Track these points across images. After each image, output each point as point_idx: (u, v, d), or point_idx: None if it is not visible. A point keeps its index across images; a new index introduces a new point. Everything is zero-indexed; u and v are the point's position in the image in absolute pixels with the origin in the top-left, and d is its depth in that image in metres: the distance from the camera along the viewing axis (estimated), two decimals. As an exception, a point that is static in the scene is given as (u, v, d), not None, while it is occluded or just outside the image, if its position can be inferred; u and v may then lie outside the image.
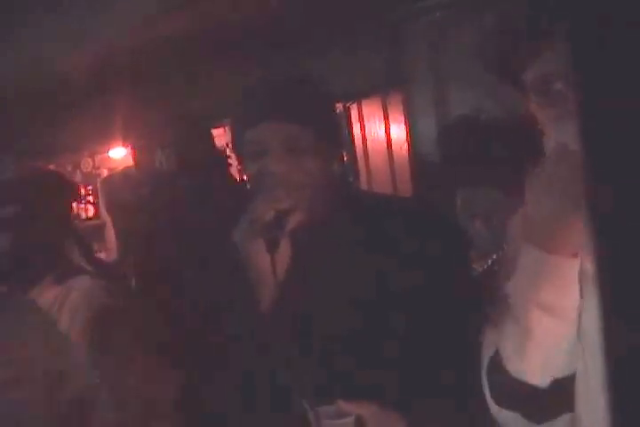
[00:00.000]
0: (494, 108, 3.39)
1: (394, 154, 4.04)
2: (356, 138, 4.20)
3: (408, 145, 3.95)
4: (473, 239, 2.04)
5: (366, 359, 1.46)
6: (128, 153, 4.69)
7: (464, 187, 2.11)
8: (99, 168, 5.50)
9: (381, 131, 4.08)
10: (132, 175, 2.99)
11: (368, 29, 3.95)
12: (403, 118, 3.98)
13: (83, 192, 5.48)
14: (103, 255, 5.22)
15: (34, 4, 3.07)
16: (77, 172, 5.64)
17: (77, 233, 2.32)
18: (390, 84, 3.99)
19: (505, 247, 2.09)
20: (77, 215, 4.79)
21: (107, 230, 5.25)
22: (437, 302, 1.46)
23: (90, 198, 5.48)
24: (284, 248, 1.48)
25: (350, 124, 4.19)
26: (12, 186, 2.09)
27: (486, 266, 2.11)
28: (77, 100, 4.62)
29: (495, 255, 2.12)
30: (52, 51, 3.76)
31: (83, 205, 5.29)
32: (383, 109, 4.06)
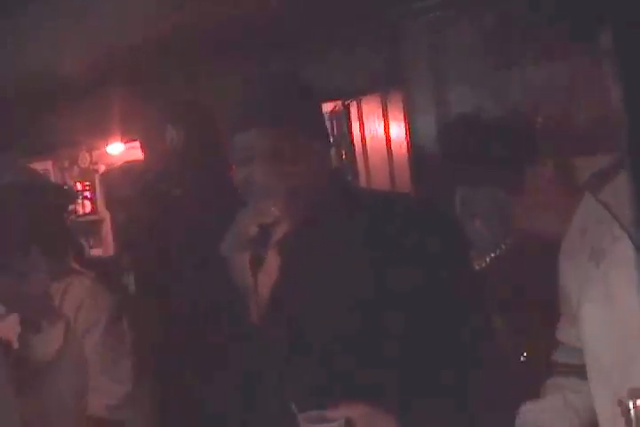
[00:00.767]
0: (494, 107, 3.41)
1: (393, 152, 4.03)
2: (355, 136, 4.19)
3: (407, 144, 3.95)
4: (472, 238, 2.05)
5: (365, 360, 1.45)
6: (126, 149, 4.72)
7: (463, 186, 2.12)
8: (96, 164, 5.47)
9: (381, 129, 4.07)
10: (131, 170, 2.99)
11: (368, 29, 3.95)
12: (402, 117, 3.98)
13: (79, 187, 5.47)
14: (99, 251, 5.24)
15: (34, 4, 3.08)
16: (75, 167, 5.62)
17: (70, 234, 2.31)
18: (390, 83, 3.99)
19: (503, 247, 2.11)
20: (74, 211, 4.77)
21: (105, 226, 5.26)
22: (436, 300, 1.45)
23: (87, 194, 5.47)
24: (270, 260, 1.46)
25: (349, 123, 4.18)
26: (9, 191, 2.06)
27: (484, 264, 2.12)
28: (76, 97, 4.62)
29: (493, 254, 2.13)
30: (52, 51, 3.76)
31: (80, 201, 5.27)
32: (383, 108, 4.05)
